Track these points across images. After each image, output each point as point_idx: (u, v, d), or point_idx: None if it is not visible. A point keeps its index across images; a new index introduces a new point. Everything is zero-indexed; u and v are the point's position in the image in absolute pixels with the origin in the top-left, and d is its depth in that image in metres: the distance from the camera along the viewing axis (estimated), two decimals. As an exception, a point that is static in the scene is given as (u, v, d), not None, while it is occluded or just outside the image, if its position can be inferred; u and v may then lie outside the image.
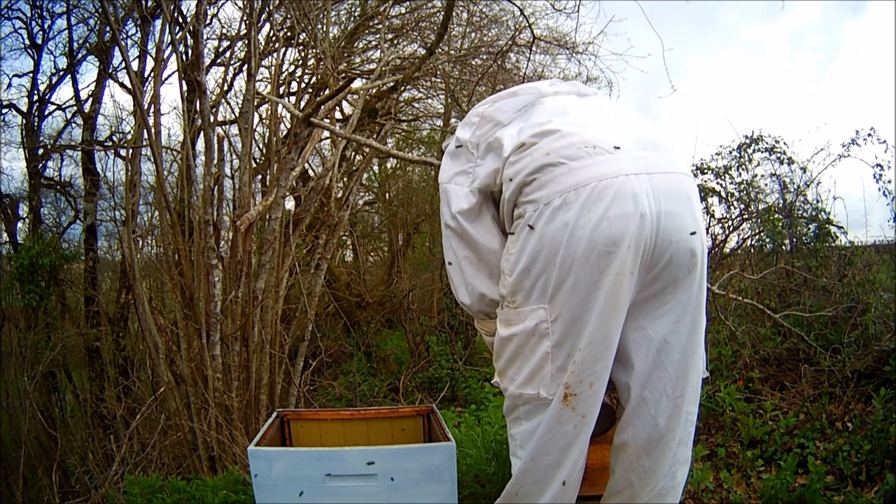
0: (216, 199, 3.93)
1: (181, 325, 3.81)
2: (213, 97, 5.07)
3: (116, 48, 6.65)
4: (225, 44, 6.86)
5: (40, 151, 7.98)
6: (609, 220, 1.37)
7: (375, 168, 8.81)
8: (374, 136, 5.33)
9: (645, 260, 1.41)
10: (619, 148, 1.44)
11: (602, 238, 1.37)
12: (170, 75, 6.63)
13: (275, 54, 5.73)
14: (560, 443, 1.47)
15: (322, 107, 3.97)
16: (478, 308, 1.65)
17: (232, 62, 6.18)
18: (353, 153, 6.58)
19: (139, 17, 5.70)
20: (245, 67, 5.10)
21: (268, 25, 5.66)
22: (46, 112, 8.19)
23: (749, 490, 2.76)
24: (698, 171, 4.65)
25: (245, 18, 4.99)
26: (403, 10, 5.98)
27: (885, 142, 4.16)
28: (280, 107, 4.61)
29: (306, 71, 5.93)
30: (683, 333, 1.49)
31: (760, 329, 4.00)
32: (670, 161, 1.48)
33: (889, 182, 4.15)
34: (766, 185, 4.65)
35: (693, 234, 1.45)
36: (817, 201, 4.44)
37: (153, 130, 3.99)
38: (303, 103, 5.48)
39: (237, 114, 5.48)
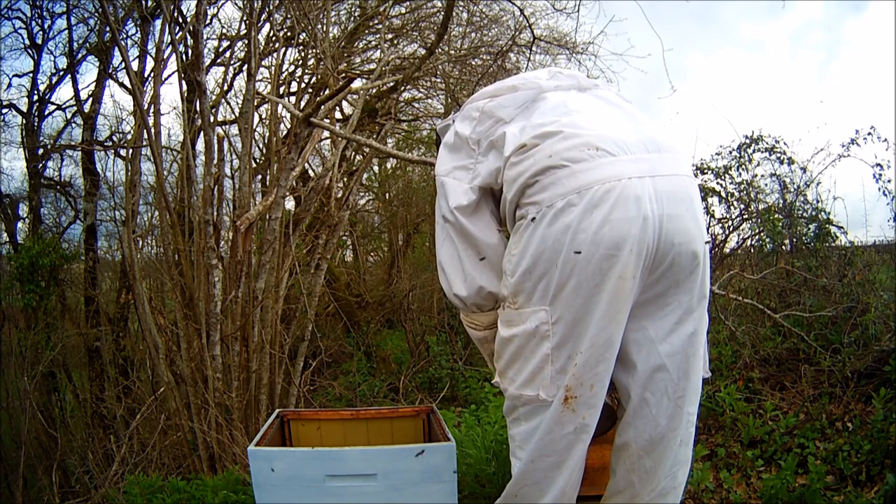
0: (216, 199, 3.93)
1: (181, 325, 3.81)
2: (213, 97, 5.07)
3: (116, 48, 6.64)
4: (225, 44, 6.86)
5: (40, 151, 7.99)
6: (611, 224, 1.37)
7: (375, 168, 8.82)
8: (374, 136, 5.33)
9: (647, 263, 1.41)
10: (622, 150, 1.43)
11: (604, 241, 1.37)
12: (170, 75, 6.62)
13: (275, 54, 5.73)
14: (560, 445, 1.47)
15: (322, 107, 3.97)
16: (473, 300, 1.63)
17: (232, 62, 6.19)
18: (353, 153, 6.58)
19: (139, 17, 5.71)
20: (245, 67, 5.10)
21: (268, 25, 5.67)
22: (46, 112, 8.21)
23: (749, 490, 2.76)
24: (698, 171, 4.64)
25: (245, 18, 5.00)
26: (403, 10, 5.97)
27: (885, 140, 4.15)
28: (280, 107, 4.61)
29: (306, 71, 5.93)
30: (685, 334, 1.49)
31: (760, 329, 4.00)
32: (673, 163, 1.48)
33: (889, 181, 4.15)
34: (766, 185, 4.65)
35: (696, 237, 1.45)
36: (817, 201, 4.44)
37: (153, 130, 4.00)
38: (303, 103, 5.48)
39: (237, 114, 5.48)
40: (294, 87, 6.34)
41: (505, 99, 1.63)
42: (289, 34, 5.68)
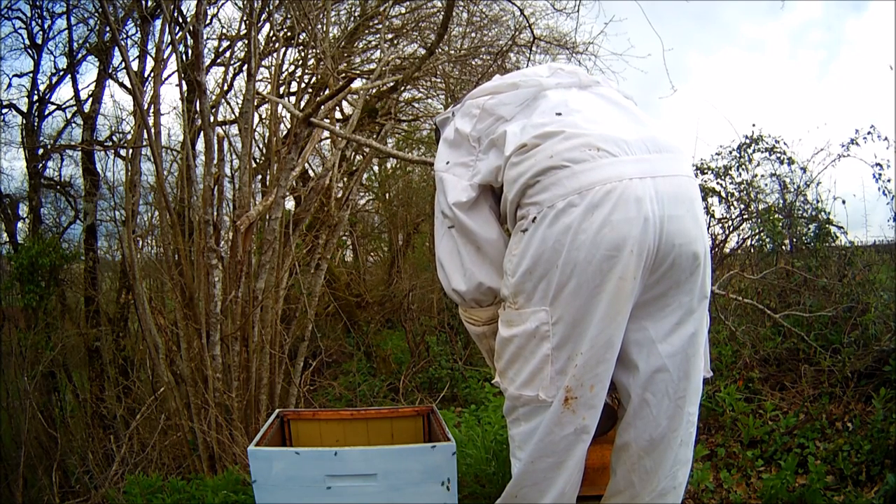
0: (216, 199, 3.93)
1: (181, 325, 3.81)
2: (213, 97, 5.07)
3: (116, 48, 6.64)
4: (225, 44, 6.85)
5: (40, 151, 7.98)
6: (612, 225, 1.37)
7: (375, 168, 8.82)
8: (374, 136, 5.33)
9: (648, 264, 1.41)
10: (623, 150, 1.43)
11: (605, 242, 1.37)
12: (170, 75, 6.62)
13: (275, 54, 5.73)
14: (560, 445, 1.47)
15: (322, 107, 3.97)
16: (472, 296, 1.62)
17: (232, 62, 6.18)
18: (353, 153, 6.58)
19: (139, 17, 5.70)
20: (245, 67, 5.10)
21: (268, 25, 5.66)
22: (46, 112, 8.20)
23: (749, 490, 2.76)
24: (698, 171, 4.65)
25: (245, 18, 5.00)
26: (403, 10, 5.97)
27: (886, 139, 4.15)
28: (280, 107, 4.60)
29: (306, 71, 5.92)
30: (685, 334, 1.49)
31: (760, 329, 4.00)
32: (674, 164, 1.48)
33: (889, 181, 4.15)
34: (766, 185, 4.65)
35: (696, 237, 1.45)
36: (817, 201, 4.45)
37: (153, 130, 3.99)
38: (303, 103, 5.48)
39: (237, 114, 5.47)
40: (294, 87, 6.34)
41: (506, 96, 1.62)
42: (289, 34, 5.68)
